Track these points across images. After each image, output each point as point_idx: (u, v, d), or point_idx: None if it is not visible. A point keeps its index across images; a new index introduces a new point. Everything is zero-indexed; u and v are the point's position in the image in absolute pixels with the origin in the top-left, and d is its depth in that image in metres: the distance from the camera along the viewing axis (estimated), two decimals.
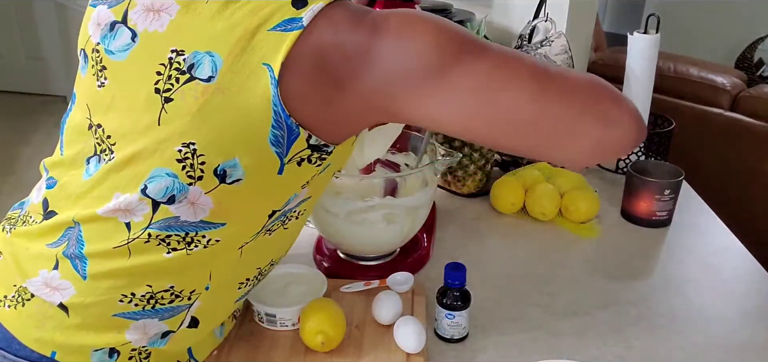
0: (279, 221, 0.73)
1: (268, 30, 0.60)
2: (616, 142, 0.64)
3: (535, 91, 0.62)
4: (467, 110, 0.63)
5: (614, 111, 0.63)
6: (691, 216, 1.22)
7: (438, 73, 0.61)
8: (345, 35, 0.61)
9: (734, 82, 2.39)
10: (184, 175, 0.63)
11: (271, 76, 0.60)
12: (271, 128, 0.62)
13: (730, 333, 0.88)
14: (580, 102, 0.63)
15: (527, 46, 1.40)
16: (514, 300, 0.95)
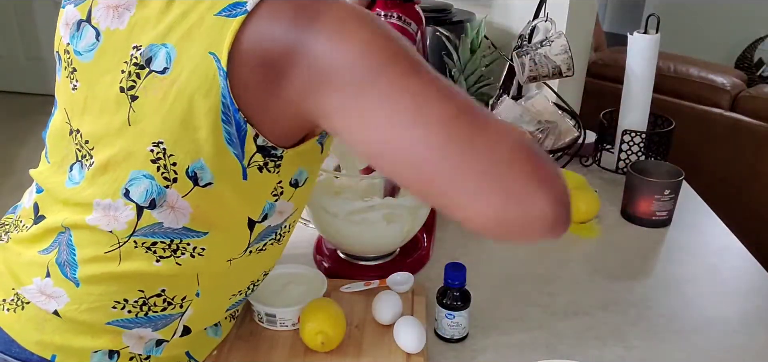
0: (271, 238, 0.72)
1: (215, 14, 0.58)
2: (520, 221, 0.54)
3: (443, 135, 0.54)
4: (377, 135, 0.57)
5: (524, 187, 0.53)
6: (691, 216, 1.22)
7: (359, 84, 0.55)
8: (283, 26, 0.57)
9: (734, 82, 2.40)
10: (160, 176, 0.62)
11: (219, 66, 0.57)
12: (223, 124, 0.59)
13: (730, 333, 0.88)
14: (486, 162, 0.54)
15: (527, 46, 1.40)
16: (514, 300, 0.95)
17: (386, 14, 0.97)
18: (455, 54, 1.17)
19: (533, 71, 1.36)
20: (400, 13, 0.97)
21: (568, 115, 1.44)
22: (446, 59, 1.19)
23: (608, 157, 1.44)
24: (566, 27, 1.47)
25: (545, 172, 0.55)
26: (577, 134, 1.39)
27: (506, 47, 1.51)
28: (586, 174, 1.35)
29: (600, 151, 1.44)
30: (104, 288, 0.67)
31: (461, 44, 1.16)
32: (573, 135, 1.39)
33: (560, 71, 1.36)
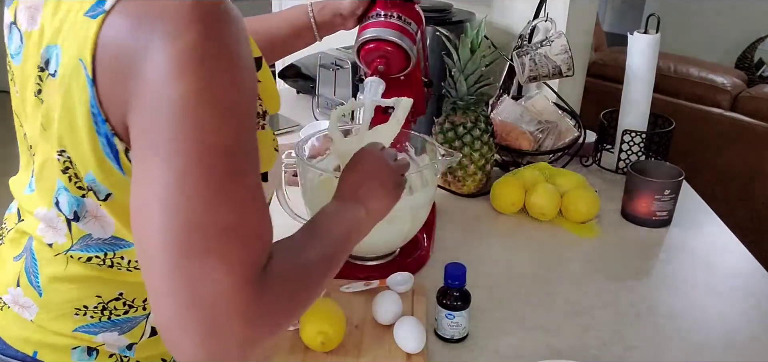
0: None
1: (83, 14, 0.53)
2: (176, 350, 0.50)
3: (177, 239, 0.49)
4: (140, 190, 0.51)
5: (191, 334, 0.49)
6: (691, 216, 1.22)
7: (158, 130, 0.50)
8: (132, 26, 0.51)
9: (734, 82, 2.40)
10: (73, 186, 0.60)
11: (86, 73, 0.53)
12: (98, 135, 0.56)
13: (730, 333, 0.88)
14: (183, 286, 0.49)
15: (527, 46, 1.40)
16: (514, 300, 0.95)
17: (386, 14, 0.97)
18: (455, 54, 1.17)
19: (533, 71, 1.36)
20: (400, 13, 0.97)
21: (568, 115, 1.44)
22: (446, 59, 1.19)
23: (608, 157, 1.44)
24: (566, 27, 1.47)
25: (229, 332, 0.49)
26: (577, 134, 1.39)
27: (506, 47, 1.51)
28: (586, 174, 1.35)
29: (600, 151, 1.44)
30: (63, 295, 0.66)
31: (461, 44, 1.16)
32: (573, 135, 1.39)
33: (560, 71, 1.36)
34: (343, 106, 0.95)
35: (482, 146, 1.21)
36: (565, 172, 1.25)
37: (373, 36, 0.96)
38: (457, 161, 0.96)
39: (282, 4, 2.27)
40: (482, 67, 1.16)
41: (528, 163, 1.33)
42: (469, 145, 1.20)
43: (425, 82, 1.16)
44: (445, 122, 1.23)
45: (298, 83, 1.96)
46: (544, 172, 1.25)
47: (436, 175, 0.96)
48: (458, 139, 1.20)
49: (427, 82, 1.16)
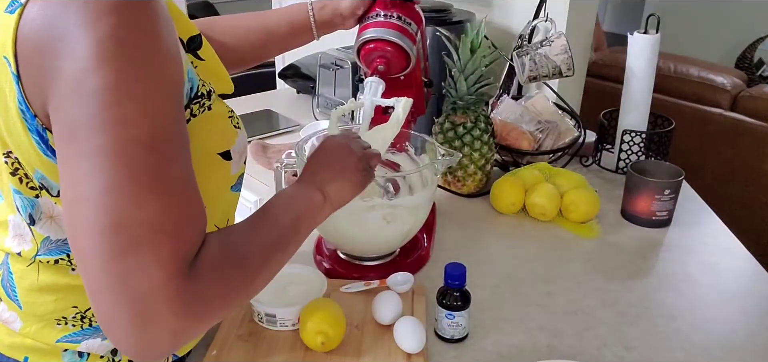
0: None
1: (4, 10, 0.53)
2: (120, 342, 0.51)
3: (104, 238, 0.49)
4: (68, 179, 0.51)
5: (124, 323, 0.50)
6: (691, 216, 1.22)
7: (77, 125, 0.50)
8: (47, 23, 0.50)
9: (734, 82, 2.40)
10: (25, 187, 0.60)
11: (10, 70, 0.53)
12: (30, 133, 0.55)
13: (730, 333, 0.88)
14: (113, 278, 0.49)
15: (527, 46, 1.40)
16: (514, 300, 0.95)
17: (386, 14, 0.97)
18: (455, 54, 1.17)
19: (533, 71, 1.36)
20: (400, 13, 0.97)
21: (568, 114, 1.44)
22: (446, 59, 1.19)
23: (608, 157, 1.44)
24: (566, 27, 1.47)
25: (152, 321, 0.50)
26: (577, 134, 1.39)
27: (506, 47, 1.51)
28: (586, 174, 1.35)
29: (600, 150, 1.44)
30: (42, 308, 0.66)
31: (461, 44, 1.16)
32: (573, 135, 1.39)
33: (560, 71, 1.36)
34: (343, 106, 0.95)
35: (482, 146, 1.21)
36: (565, 172, 1.25)
37: (373, 36, 0.96)
38: (457, 161, 0.96)
39: (282, 3, 2.27)
40: (482, 67, 1.16)
41: (528, 163, 1.33)
42: (469, 145, 1.20)
43: (425, 82, 1.16)
44: (445, 122, 1.23)
45: (298, 83, 1.96)
46: (544, 172, 1.25)
47: (436, 175, 0.96)
48: (458, 139, 1.20)
49: (427, 82, 1.16)
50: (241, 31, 1.03)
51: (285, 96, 2.02)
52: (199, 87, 0.64)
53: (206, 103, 0.66)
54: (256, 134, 1.63)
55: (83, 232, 0.50)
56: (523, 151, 1.34)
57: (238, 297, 0.60)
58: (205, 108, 0.65)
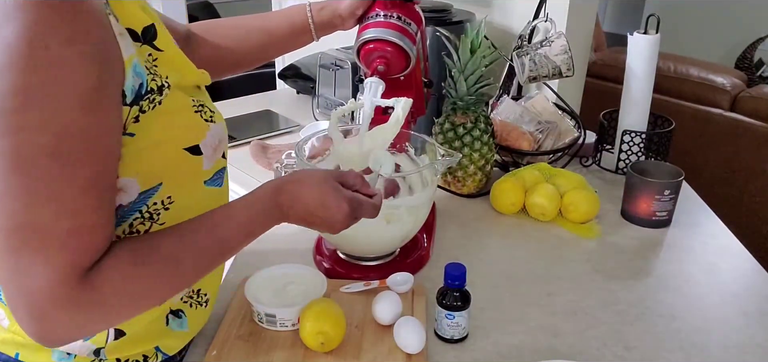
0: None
1: None
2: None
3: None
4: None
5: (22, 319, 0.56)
6: (691, 216, 1.22)
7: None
8: None
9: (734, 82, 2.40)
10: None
11: None
12: None
13: (730, 333, 0.88)
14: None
15: (527, 46, 1.40)
16: (514, 300, 0.95)
17: (386, 14, 0.97)
18: (455, 54, 1.17)
19: (533, 71, 1.36)
20: (400, 14, 0.97)
21: (568, 115, 1.44)
22: (446, 59, 1.19)
23: (608, 157, 1.44)
24: (566, 27, 1.47)
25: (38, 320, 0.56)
26: (577, 134, 1.39)
27: (506, 47, 1.51)
28: (586, 174, 1.35)
29: (600, 151, 1.44)
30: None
31: (461, 44, 1.16)
32: (573, 135, 1.39)
33: (560, 71, 1.36)
34: (342, 107, 0.95)
35: (482, 146, 1.21)
36: (565, 172, 1.25)
37: (373, 36, 0.96)
38: (457, 161, 0.96)
39: (282, 4, 2.27)
40: (482, 67, 1.16)
41: (528, 163, 1.33)
42: (469, 145, 1.20)
43: (425, 82, 1.16)
44: (445, 122, 1.23)
45: (298, 83, 1.96)
46: (544, 172, 1.25)
47: (436, 175, 0.96)
48: (458, 139, 1.20)
49: (427, 82, 1.16)
50: (241, 33, 1.03)
51: (285, 96, 2.02)
52: (149, 82, 0.63)
53: (156, 98, 0.64)
54: (256, 134, 1.63)
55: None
56: (523, 152, 1.34)
57: (148, 303, 0.64)
58: (155, 103, 0.64)
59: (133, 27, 0.63)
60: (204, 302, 0.81)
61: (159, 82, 0.64)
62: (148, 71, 0.63)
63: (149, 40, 0.65)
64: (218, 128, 0.73)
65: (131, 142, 0.63)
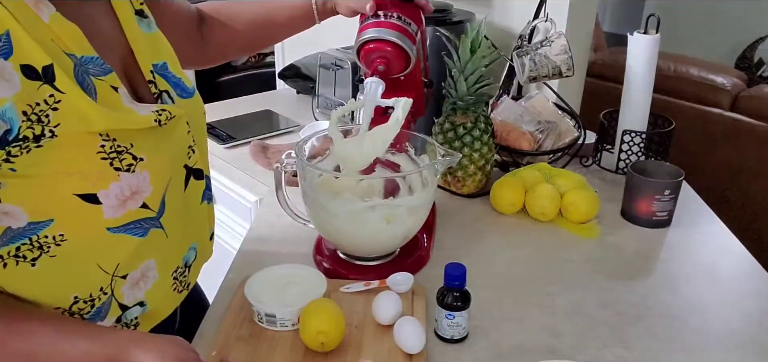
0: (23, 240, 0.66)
1: None
2: None
3: None
4: None
5: None
6: (691, 216, 1.22)
7: None
8: None
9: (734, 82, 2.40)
10: None
11: None
12: None
13: (730, 333, 0.88)
14: None
15: (527, 46, 1.40)
16: (514, 300, 0.95)
17: (386, 14, 0.97)
18: (455, 54, 1.17)
19: (533, 71, 1.36)
20: (400, 13, 0.97)
21: (568, 115, 1.44)
22: (446, 59, 1.19)
23: (608, 157, 1.44)
24: (566, 27, 1.47)
25: None
26: (577, 134, 1.39)
27: (506, 47, 1.51)
28: (586, 174, 1.35)
29: (600, 151, 1.44)
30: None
31: (461, 44, 1.16)
32: (573, 135, 1.39)
33: (560, 71, 1.36)
34: (342, 107, 0.95)
35: (482, 146, 1.21)
36: (565, 172, 1.25)
37: (373, 36, 0.96)
38: (457, 161, 0.96)
39: None
40: (482, 67, 1.16)
41: (528, 163, 1.33)
42: (469, 145, 1.20)
43: (425, 82, 1.16)
44: (445, 122, 1.23)
45: (298, 83, 1.96)
46: (544, 172, 1.25)
47: (435, 175, 0.96)
48: (458, 139, 1.20)
49: (427, 82, 1.16)
50: (249, 17, 1.05)
51: (285, 96, 2.02)
52: (23, 130, 0.60)
53: (31, 146, 0.61)
54: (256, 134, 1.63)
55: None
56: (523, 152, 1.34)
57: None
58: (30, 149, 0.61)
59: (33, 64, 0.60)
60: (132, 326, 0.79)
61: (39, 130, 0.61)
62: (28, 117, 0.60)
63: (49, 80, 0.62)
64: (139, 178, 0.69)
65: (13, 176, 0.61)
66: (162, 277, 0.79)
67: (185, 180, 0.81)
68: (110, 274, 0.72)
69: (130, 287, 0.74)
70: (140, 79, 0.77)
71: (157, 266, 0.77)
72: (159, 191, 0.73)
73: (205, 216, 0.89)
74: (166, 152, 0.74)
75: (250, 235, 1.12)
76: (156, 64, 0.79)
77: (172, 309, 0.85)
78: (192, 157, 0.81)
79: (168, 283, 0.81)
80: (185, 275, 0.85)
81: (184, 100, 0.81)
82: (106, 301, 0.73)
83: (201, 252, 0.89)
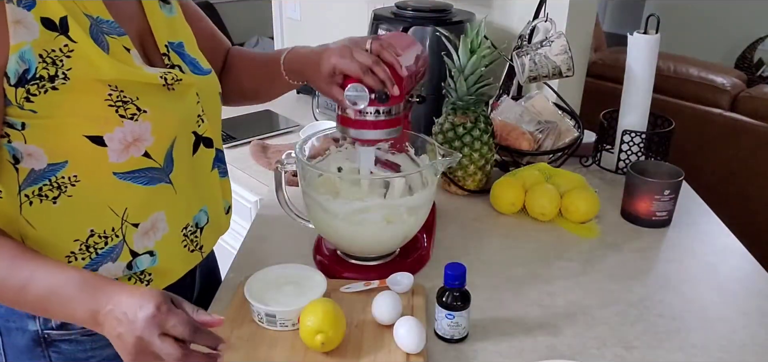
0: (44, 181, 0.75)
1: None
2: None
3: None
4: None
5: None
6: (691, 216, 1.22)
7: None
8: None
9: (734, 82, 2.40)
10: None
11: None
12: None
13: (730, 333, 0.88)
14: None
15: (527, 46, 1.40)
16: (514, 300, 0.95)
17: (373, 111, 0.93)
18: (455, 54, 1.17)
19: (533, 71, 1.36)
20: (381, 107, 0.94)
21: (568, 115, 1.44)
22: (446, 59, 1.19)
23: (608, 157, 1.44)
24: (566, 27, 1.47)
25: None
26: (577, 134, 1.39)
27: (506, 47, 1.51)
28: (586, 174, 1.35)
29: (600, 151, 1.44)
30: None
31: (461, 44, 1.16)
32: (573, 135, 1.39)
33: (560, 71, 1.36)
34: None
35: (482, 146, 1.21)
36: (564, 172, 1.25)
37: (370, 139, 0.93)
38: (457, 161, 0.96)
39: (282, 3, 2.27)
40: (482, 67, 1.16)
41: (528, 163, 1.33)
42: (469, 145, 1.20)
43: (419, 98, 1.12)
44: (445, 122, 1.23)
45: None
46: (544, 172, 1.25)
47: (436, 175, 0.96)
48: (458, 139, 1.20)
49: (421, 98, 1.12)
50: (255, 72, 1.06)
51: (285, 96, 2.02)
52: (39, 70, 0.69)
53: (47, 85, 0.70)
54: (256, 134, 1.63)
55: None
56: (523, 151, 1.34)
57: None
58: (46, 89, 0.70)
59: (51, 17, 0.70)
60: (145, 281, 0.86)
61: (53, 71, 0.70)
62: (44, 59, 0.69)
63: (64, 31, 0.71)
64: (141, 127, 0.76)
65: (34, 118, 0.71)
66: (172, 231, 0.85)
67: (194, 145, 0.87)
68: (120, 217, 0.79)
69: (141, 236, 0.81)
70: (154, 51, 0.84)
71: (167, 219, 0.83)
72: (162, 144, 0.79)
73: (218, 186, 0.94)
74: (170, 112, 0.80)
75: (250, 235, 1.12)
76: (172, 42, 0.86)
77: (184, 270, 0.90)
78: (201, 126, 0.87)
79: (178, 239, 0.86)
80: (196, 236, 0.90)
81: (196, 76, 0.87)
82: (118, 243, 0.80)
83: (214, 220, 0.94)
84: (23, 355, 0.83)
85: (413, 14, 1.49)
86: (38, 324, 0.82)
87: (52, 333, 0.82)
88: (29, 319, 0.81)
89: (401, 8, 1.52)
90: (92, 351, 0.85)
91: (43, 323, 0.82)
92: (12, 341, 0.83)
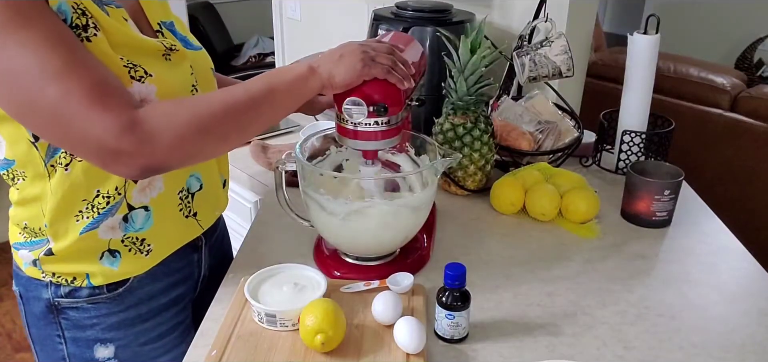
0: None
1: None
2: (90, 149, 0.71)
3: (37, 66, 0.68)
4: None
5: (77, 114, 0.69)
6: (691, 216, 1.22)
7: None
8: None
9: (734, 82, 2.40)
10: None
11: None
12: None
13: (729, 333, 0.88)
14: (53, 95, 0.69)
15: (527, 46, 1.40)
16: (514, 300, 0.95)
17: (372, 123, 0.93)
18: (455, 54, 1.17)
19: (533, 71, 1.36)
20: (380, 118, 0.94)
21: (568, 115, 1.44)
22: (446, 59, 1.19)
23: (608, 157, 1.44)
24: (566, 27, 1.47)
25: (93, 102, 0.70)
26: (577, 134, 1.39)
27: (506, 47, 1.51)
28: (586, 174, 1.35)
29: (600, 151, 1.44)
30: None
31: (461, 44, 1.16)
32: (573, 135, 1.39)
33: (560, 71, 1.36)
34: None
35: (482, 146, 1.21)
36: (564, 172, 1.25)
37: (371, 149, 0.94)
38: (457, 161, 0.96)
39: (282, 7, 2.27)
40: (482, 67, 1.16)
41: (528, 163, 1.33)
42: (469, 145, 1.20)
43: (418, 101, 1.11)
44: (445, 123, 1.23)
45: None
46: (544, 172, 1.25)
47: (436, 175, 0.96)
48: (458, 140, 1.20)
49: (420, 101, 1.11)
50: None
51: None
52: (74, 19, 0.74)
53: (82, 34, 0.75)
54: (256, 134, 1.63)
55: (45, 107, 0.70)
56: (523, 152, 1.34)
57: (193, 137, 0.75)
58: (82, 38, 0.75)
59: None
60: (145, 251, 0.90)
61: (83, 21, 0.75)
62: (76, 10, 0.75)
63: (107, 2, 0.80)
64: (148, 89, 0.81)
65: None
66: (167, 190, 0.89)
67: None
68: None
69: (139, 191, 0.86)
70: (148, 29, 0.89)
71: (163, 177, 0.89)
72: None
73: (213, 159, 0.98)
74: (171, 78, 0.85)
75: (250, 235, 1.12)
76: (164, 21, 0.92)
77: (181, 238, 0.95)
78: (195, 96, 0.90)
79: (173, 201, 0.91)
80: (189, 201, 0.94)
81: (189, 51, 0.92)
82: (119, 201, 0.85)
83: (209, 191, 0.97)
84: (40, 321, 0.92)
85: (413, 14, 1.49)
86: (50, 292, 0.89)
87: (62, 300, 0.89)
88: (43, 288, 0.89)
89: (401, 8, 1.52)
90: (96, 318, 0.91)
91: (54, 291, 0.89)
92: (31, 309, 0.92)
